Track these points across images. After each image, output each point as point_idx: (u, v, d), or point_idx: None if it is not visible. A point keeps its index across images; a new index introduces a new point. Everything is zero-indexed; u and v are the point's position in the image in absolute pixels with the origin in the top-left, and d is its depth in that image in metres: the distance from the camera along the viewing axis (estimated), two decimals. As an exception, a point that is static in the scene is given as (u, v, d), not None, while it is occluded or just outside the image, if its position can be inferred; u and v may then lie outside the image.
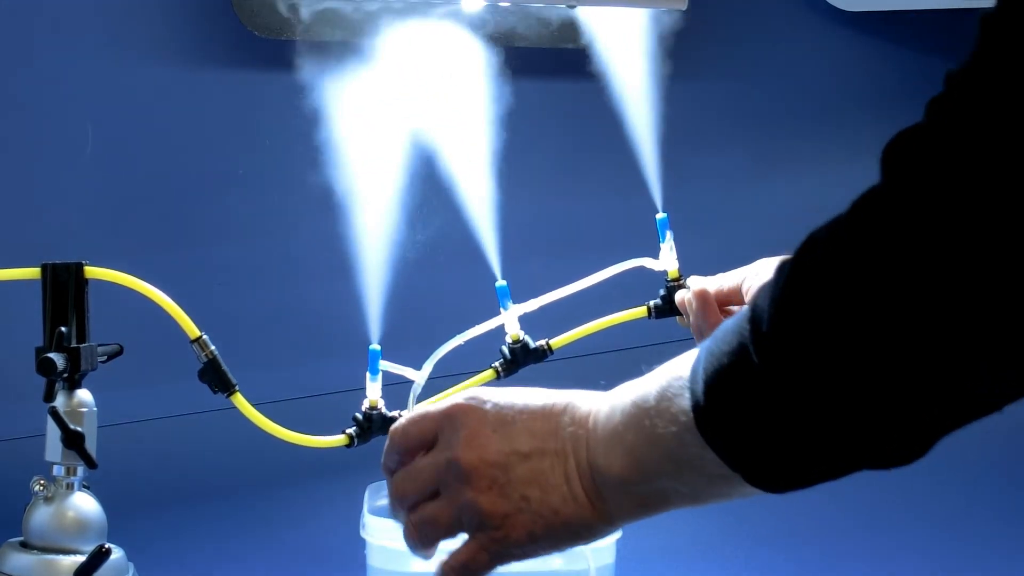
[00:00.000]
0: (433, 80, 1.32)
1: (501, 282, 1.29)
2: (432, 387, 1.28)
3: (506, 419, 0.85)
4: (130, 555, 1.22)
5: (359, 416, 1.25)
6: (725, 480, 0.76)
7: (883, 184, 0.69)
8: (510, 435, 0.84)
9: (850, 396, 0.70)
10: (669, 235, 1.30)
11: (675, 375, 0.79)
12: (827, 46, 1.98)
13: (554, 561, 1.29)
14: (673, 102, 1.33)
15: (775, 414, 0.72)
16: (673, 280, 1.30)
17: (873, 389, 0.69)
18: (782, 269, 0.72)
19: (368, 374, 1.25)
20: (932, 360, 0.68)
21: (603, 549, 1.30)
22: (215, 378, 1.21)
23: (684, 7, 1.53)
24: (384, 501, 1.37)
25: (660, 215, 1.31)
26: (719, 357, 0.75)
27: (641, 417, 0.80)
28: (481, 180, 1.29)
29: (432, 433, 0.88)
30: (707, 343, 0.77)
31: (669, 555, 1.50)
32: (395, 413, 1.26)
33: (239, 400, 1.22)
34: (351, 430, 1.25)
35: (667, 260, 1.30)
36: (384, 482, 1.36)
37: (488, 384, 1.28)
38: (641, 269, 1.31)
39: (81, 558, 1.16)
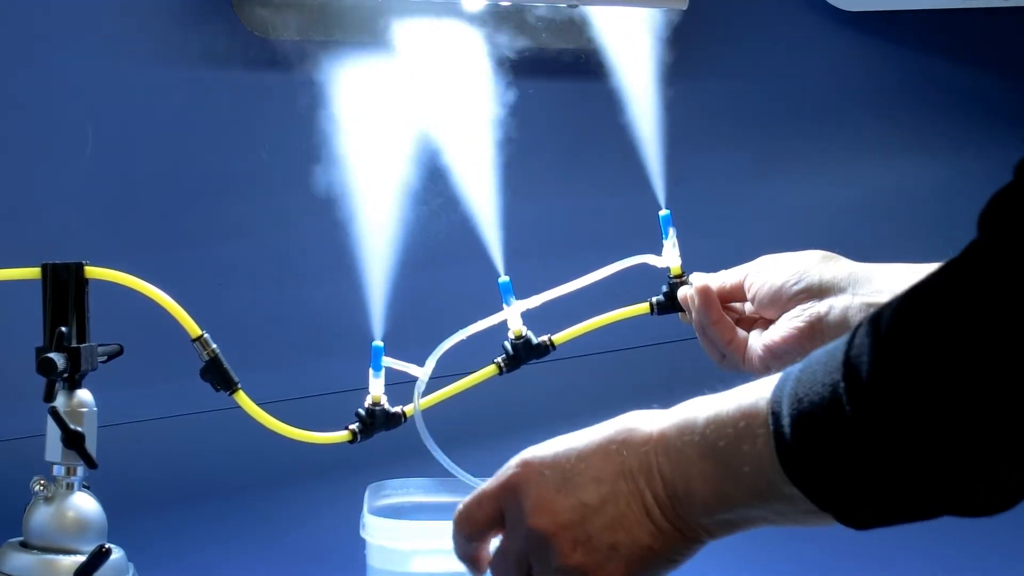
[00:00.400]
0: (434, 80, 1.32)
1: (504, 278, 1.28)
2: (435, 386, 1.27)
3: (566, 474, 0.84)
4: (130, 555, 1.22)
5: (362, 412, 1.25)
6: (813, 513, 0.77)
7: (982, 242, 0.70)
8: (575, 489, 0.84)
9: (948, 451, 0.70)
10: (672, 231, 1.30)
11: (751, 412, 0.78)
12: (827, 46, 1.98)
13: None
14: (674, 102, 1.33)
15: (869, 464, 0.72)
16: (676, 276, 1.30)
17: (972, 444, 0.69)
18: (878, 321, 0.73)
19: (371, 370, 1.25)
20: None
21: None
22: (217, 376, 1.21)
23: (685, 7, 1.53)
24: (384, 501, 1.37)
25: (663, 211, 1.31)
26: (808, 405, 0.75)
27: (719, 454, 0.79)
28: (483, 179, 1.29)
29: (497, 511, 0.87)
30: (790, 386, 0.76)
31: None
32: (398, 409, 1.26)
33: (242, 398, 1.22)
34: (354, 426, 1.25)
35: (670, 256, 1.30)
36: (385, 482, 1.38)
37: (489, 379, 1.28)
38: (644, 267, 1.30)
39: (81, 558, 1.16)
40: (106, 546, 1.16)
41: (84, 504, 1.19)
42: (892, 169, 2.01)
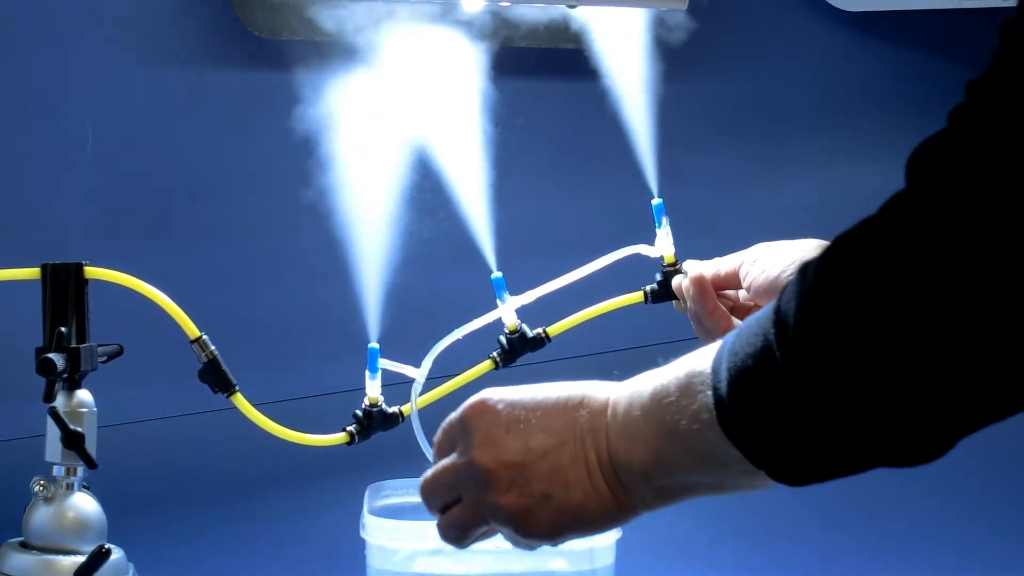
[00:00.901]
0: (433, 80, 1.32)
1: (497, 274, 1.28)
2: (432, 386, 1.28)
3: (520, 418, 0.86)
4: (130, 555, 1.22)
5: (359, 413, 1.26)
6: (748, 474, 0.77)
7: (908, 190, 0.70)
8: (525, 434, 0.85)
9: (875, 397, 0.70)
10: (665, 221, 1.30)
11: (695, 371, 0.79)
12: (827, 46, 1.98)
13: (556, 562, 1.29)
14: (672, 102, 1.33)
15: (800, 414, 0.73)
16: (669, 265, 1.29)
17: (897, 391, 0.70)
18: (806, 271, 0.73)
19: (367, 372, 1.25)
20: (958, 361, 0.68)
21: (603, 549, 1.30)
22: (215, 378, 1.21)
23: (684, 7, 1.53)
24: (384, 501, 1.37)
25: (656, 200, 1.30)
26: (743, 357, 0.75)
27: (662, 413, 0.80)
28: (478, 179, 1.29)
29: (453, 438, 0.89)
30: (729, 342, 0.77)
31: (669, 555, 1.50)
32: (395, 410, 1.26)
33: (239, 400, 1.22)
34: (351, 428, 1.25)
35: (663, 245, 1.30)
36: (384, 482, 1.38)
37: (487, 375, 1.28)
38: (639, 262, 1.30)
39: (81, 558, 1.16)
40: (106, 546, 1.17)
41: (84, 504, 1.19)
42: (892, 169, 2.00)
